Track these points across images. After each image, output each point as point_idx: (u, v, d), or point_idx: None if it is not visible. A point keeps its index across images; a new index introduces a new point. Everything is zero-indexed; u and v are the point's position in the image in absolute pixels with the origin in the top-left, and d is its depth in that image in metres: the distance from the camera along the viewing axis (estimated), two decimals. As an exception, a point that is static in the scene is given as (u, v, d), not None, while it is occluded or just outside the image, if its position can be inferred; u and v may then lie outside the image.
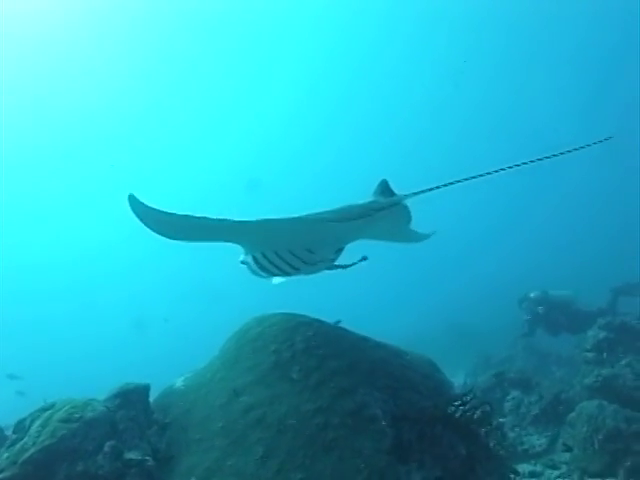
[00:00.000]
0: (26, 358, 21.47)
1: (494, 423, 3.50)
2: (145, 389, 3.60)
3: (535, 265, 24.77)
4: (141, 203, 2.63)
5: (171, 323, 25.36)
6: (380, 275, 23.59)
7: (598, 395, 6.19)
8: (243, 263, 3.46)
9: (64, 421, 3.06)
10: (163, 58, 32.55)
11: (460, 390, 3.82)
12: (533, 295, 10.34)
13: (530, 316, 10.35)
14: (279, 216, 2.96)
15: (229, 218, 2.74)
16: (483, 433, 3.33)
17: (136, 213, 2.69)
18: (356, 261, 3.44)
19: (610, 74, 27.82)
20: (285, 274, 3.36)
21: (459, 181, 3.02)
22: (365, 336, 3.82)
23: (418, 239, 3.78)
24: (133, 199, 2.62)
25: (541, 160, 2.96)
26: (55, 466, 2.88)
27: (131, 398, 3.44)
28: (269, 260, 3.20)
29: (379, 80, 33.31)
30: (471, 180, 3.04)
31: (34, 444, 2.95)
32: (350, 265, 3.44)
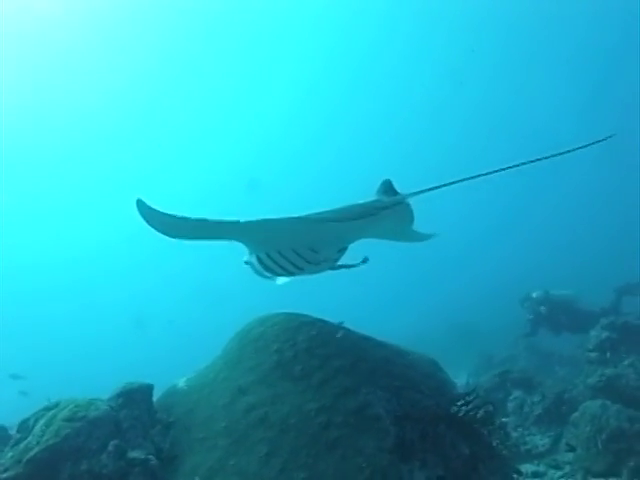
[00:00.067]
0: (28, 358, 21.52)
1: (497, 423, 3.50)
2: (148, 388, 3.61)
3: (536, 265, 24.72)
4: (149, 207, 2.66)
5: (174, 323, 25.44)
6: (381, 275, 23.58)
7: (601, 395, 6.18)
8: (247, 264, 3.46)
9: (68, 420, 3.07)
10: (164, 59, 32.64)
11: (463, 390, 3.82)
12: (535, 295, 10.32)
13: (532, 316, 10.34)
14: (281, 216, 2.97)
15: (234, 219, 2.76)
16: (486, 433, 3.33)
17: (144, 216, 2.71)
18: (358, 262, 3.44)
19: (610, 74, 27.78)
20: (289, 274, 3.36)
21: (462, 180, 3.02)
22: (367, 335, 3.82)
23: (420, 239, 3.77)
24: (141, 203, 2.65)
25: (541, 160, 2.97)
26: (59, 465, 2.89)
27: (135, 397, 3.45)
28: (273, 260, 3.21)
29: (379, 80, 33.32)
30: (472, 180, 3.04)
31: (38, 443, 2.96)
32: (352, 265, 3.44)
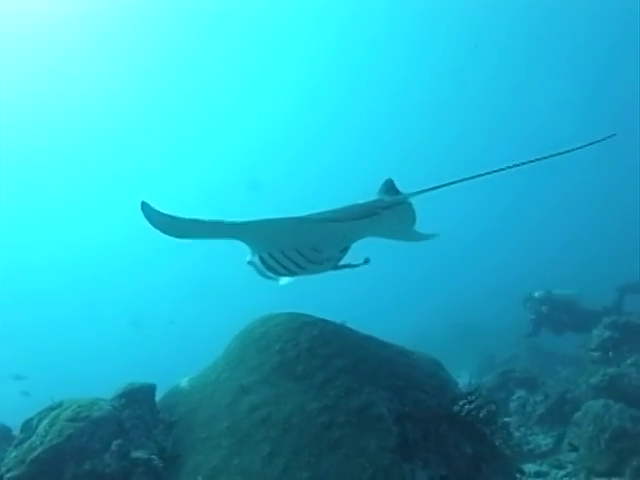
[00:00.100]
0: (30, 359, 21.58)
1: (500, 422, 3.49)
2: (151, 388, 3.62)
3: (538, 264, 24.68)
4: (154, 209, 2.69)
5: (175, 323, 25.50)
6: (383, 275, 23.57)
7: (604, 394, 6.17)
8: (250, 264, 3.47)
9: (71, 420, 3.08)
10: (165, 60, 32.68)
11: (465, 389, 3.82)
12: (537, 294, 10.28)
13: (534, 315, 10.30)
14: (283, 216, 2.97)
15: (237, 220, 2.77)
16: (489, 432, 3.32)
17: (148, 218, 2.73)
18: (360, 263, 3.45)
19: (610, 74, 27.73)
20: (291, 274, 3.37)
21: (463, 180, 3.03)
22: (369, 335, 3.82)
23: (422, 239, 3.78)
24: (146, 206, 2.66)
25: (542, 160, 2.97)
26: (63, 465, 2.90)
27: (137, 397, 3.46)
28: (276, 260, 3.22)
29: (380, 80, 33.32)
30: (473, 179, 3.05)
31: (42, 443, 2.97)
32: (355, 265, 3.44)
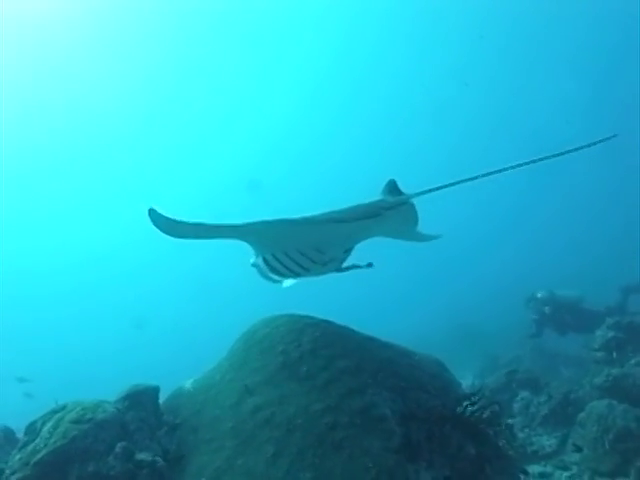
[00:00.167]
0: (34, 361, 21.62)
1: (503, 423, 3.49)
2: (155, 390, 3.63)
3: (540, 265, 24.63)
4: (161, 215, 2.71)
5: (179, 325, 25.54)
6: (385, 276, 23.53)
7: (608, 395, 6.14)
8: (253, 266, 3.48)
9: (75, 422, 3.09)
10: (166, 61, 32.77)
11: (469, 390, 3.81)
12: (540, 295, 10.25)
13: (537, 316, 10.26)
14: (285, 216, 2.98)
15: (240, 221, 2.79)
16: (492, 433, 3.32)
17: (156, 224, 2.74)
18: (363, 265, 3.45)
19: (612, 74, 27.72)
20: (295, 275, 3.37)
21: (465, 180, 3.04)
22: (372, 336, 3.82)
23: (424, 239, 3.78)
24: (153, 212, 2.69)
25: (544, 160, 2.98)
26: (67, 467, 2.91)
27: (141, 399, 3.47)
28: (279, 261, 3.22)
29: (382, 81, 33.37)
30: (475, 180, 3.06)
31: (46, 445, 2.98)
32: (358, 266, 3.45)
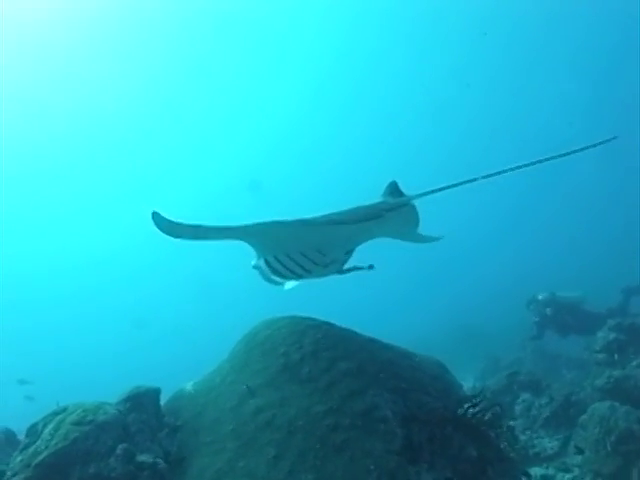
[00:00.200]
0: (35, 364, 21.63)
1: (505, 425, 3.48)
2: (156, 392, 3.63)
3: (541, 266, 24.60)
4: (164, 219, 2.72)
5: (180, 327, 25.57)
6: (386, 277, 23.53)
7: (609, 397, 6.13)
8: (255, 268, 3.48)
9: (76, 424, 3.09)
10: (168, 63, 32.87)
11: (470, 392, 3.81)
12: (541, 297, 10.22)
13: (538, 318, 10.25)
14: (286, 218, 2.99)
15: (243, 223, 2.81)
16: (494, 435, 3.31)
17: (160, 227, 2.75)
18: (364, 266, 3.45)
19: (612, 75, 27.76)
20: (297, 277, 3.37)
21: (466, 182, 3.05)
22: (373, 338, 3.82)
23: (425, 241, 3.79)
24: (157, 216, 2.71)
25: (544, 162, 2.98)
26: (68, 468, 2.90)
27: (142, 401, 3.47)
28: (281, 263, 3.23)
29: (383, 82, 33.45)
30: (476, 181, 3.07)
31: (47, 447, 2.98)
32: (360, 268, 3.45)
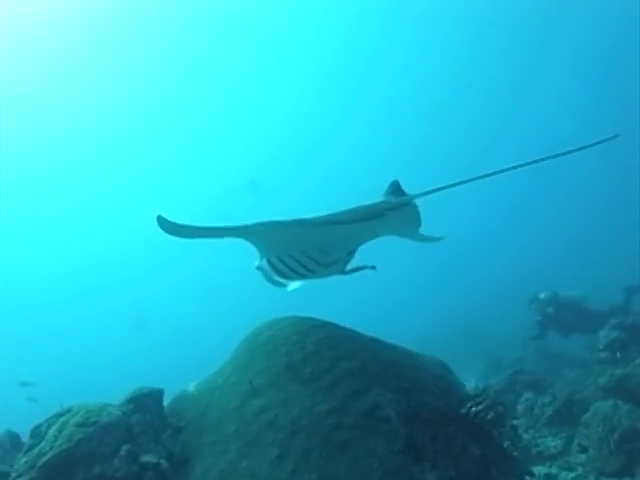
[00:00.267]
0: (37, 366, 21.65)
1: (508, 424, 3.48)
2: (159, 393, 3.64)
3: (543, 265, 24.55)
4: (169, 222, 2.72)
5: (182, 328, 25.58)
6: (389, 277, 23.51)
7: (612, 395, 6.12)
8: (258, 269, 3.48)
9: (80, 425, 3.10)
10: (168, 63, 32.86)
11: (473, 391, 3.81)
12: (543, 296, 10.20)
13: (540, 317, 10.22)
14: (287, 218, 2.99)
15: (245, 223, 2.82)
16: (497, 434, 3.31)
17: (165, 230, 2.76)
18: (367, 266, 3.46)
19: (613, 74, 27.72)
20: (300, 277, 3.37)
21: (467, 181, 3.05)
22: (376, 338, 3.83)
23: (427, 241, 3.79)
24: (162, 219, 2.71)
25: (544, 160, 2.99)
26: (72, 470, 2.92)
27: (146, 402, 3.48)
28: (284, 263, 3.23)
29: (384, 82, 33.45)
30: (477, 181, 3.07)
31: (51, 448, 3.00)
32: (363, 267, 3.45)
